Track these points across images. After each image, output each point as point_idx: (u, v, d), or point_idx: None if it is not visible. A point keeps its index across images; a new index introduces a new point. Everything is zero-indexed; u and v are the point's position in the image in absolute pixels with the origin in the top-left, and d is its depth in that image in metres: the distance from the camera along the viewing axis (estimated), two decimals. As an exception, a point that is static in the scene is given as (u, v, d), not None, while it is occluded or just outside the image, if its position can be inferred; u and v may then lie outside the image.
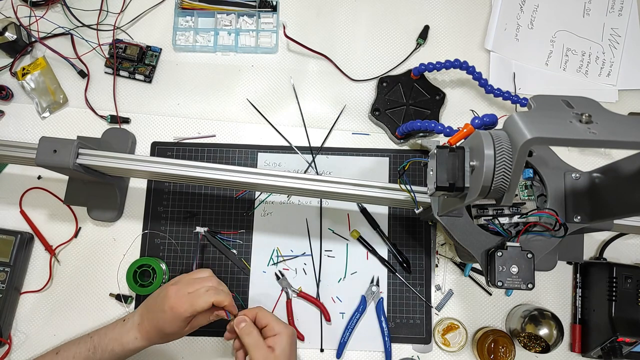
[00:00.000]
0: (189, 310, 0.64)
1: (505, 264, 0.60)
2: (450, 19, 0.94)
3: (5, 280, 0.79)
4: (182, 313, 0.64)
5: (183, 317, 0.65)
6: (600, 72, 0.93)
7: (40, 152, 0.69)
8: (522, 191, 0.66)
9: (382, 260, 0.83)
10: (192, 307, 0.64)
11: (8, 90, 0.87)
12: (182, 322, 0.66)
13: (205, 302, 0.65)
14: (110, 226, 0.85)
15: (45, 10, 0.91)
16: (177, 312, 0.65)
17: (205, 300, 0.65)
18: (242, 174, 0.70)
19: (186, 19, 0.92)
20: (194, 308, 0.64)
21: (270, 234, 0.85)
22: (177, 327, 0.66)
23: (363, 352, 0.81)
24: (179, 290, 0.66)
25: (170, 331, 0.66)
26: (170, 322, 0.66)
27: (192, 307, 0.64)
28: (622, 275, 0.77)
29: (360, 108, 0.90)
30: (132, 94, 0.90)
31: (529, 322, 0.76)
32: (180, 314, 0.64)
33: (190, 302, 0.65)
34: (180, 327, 0.66)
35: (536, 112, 0.49)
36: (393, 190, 0.70)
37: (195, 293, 0.66)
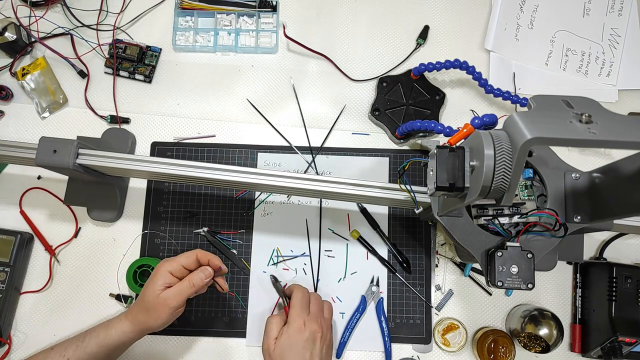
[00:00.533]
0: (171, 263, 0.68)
1: (505, 264, 0.60)
2: (450, 19, 0.94)
3: (5, 280, 0.79)
4: (163, 267, 0.68)
5: (164, 271, 0.68)
6: (600, 72, 0.93)
7: (40, 152, 0.69)
8: (522, 191, 0.66)
9: (382, 260, 0.83)
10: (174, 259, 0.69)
11: (8, 90, 0.87)
12: (160, 280, 0.67)
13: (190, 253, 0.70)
14: (110, 226, 0.85)
15: (45, 10, 0.91)
16: (159, 268, 0.68)
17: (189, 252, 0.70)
18: (242, 174, 0.70)
19: (186, 19, 0.92)
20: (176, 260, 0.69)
21: (270, 234, 0.85)
22: (153, 287, 0.67)
23: (363, 352, 0.81)
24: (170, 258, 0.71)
25: (147, 296, 0.67)
26: (150, 282, 0.68)
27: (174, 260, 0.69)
28: (622, 275, 0.77)
29: (360, 108, 0.90)
30: (132, 94, 0.90)
31: (529, 322, 0.76)
32: (162, 267, 0.68)
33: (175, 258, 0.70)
34: (157, 286, 0.67)
35: (536, 112, 0.49)
36: (393, 190, 0.70)
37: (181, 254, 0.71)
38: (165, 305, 0.67)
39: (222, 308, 0.82)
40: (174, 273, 0.69)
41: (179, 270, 0.69)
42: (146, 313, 0.68)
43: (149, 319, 0.68)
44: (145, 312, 0.68)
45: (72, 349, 0.67)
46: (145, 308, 0.68)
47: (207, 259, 0.70)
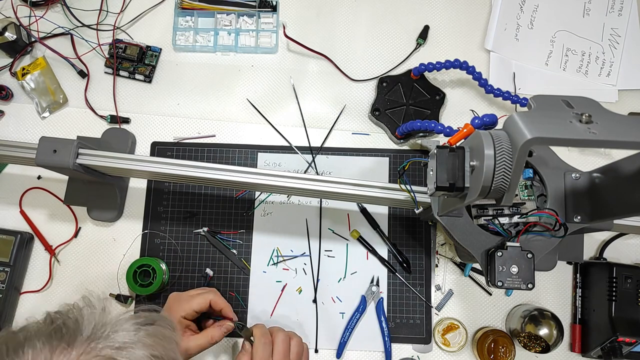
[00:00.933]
0: (184, 307, 0.67)
1: (505, 264, 0.60)
2: (450, 19, 0.94)
3: (5, 280, 0.79)
4: (177, 311, 0.67)
5: (178, 317, 0.66)
6: (600, 72, 0.93)
7: (40, 152, 0.69)
8: (522, 191, 0.66)
9: (382, 260, 0.83)
10: (188, 303, 0.67)
11: (8, 90, 0.87)
12: (178, 326, 0.66)
13: (203, 298, 0.68)
14: (110, 226, 0.85)
15: (45, 10, 0.91)
16: (172, 312, 0.67)
17: (202, 297, 0.68)
18: (242, 174, 0.70)
19: (186, 19, 0.92)
20: (189, 305, 0.67)
21: (270, 234, 0.85)
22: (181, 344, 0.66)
23: (363, 352, 0.81)
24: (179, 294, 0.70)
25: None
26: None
27: (188, 304, 0.67)
28: (622, 275, 0.77)
29: (360, 108, 0.90)
30: (132, 94, 0.90)
31: (529, 322, 0.76)
32: (175, 312, 0.67)
33: (187, 300, 0.68)
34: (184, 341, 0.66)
35: (536, 112, 0.49)
36: (393, 190, 0.70)
37: (193, 295, 0.69)
38: (185, 353, 0.67)
39: (222, 308, 0.82)
40: (188, 317, 0.69)
41: (192, 315, 0.69)
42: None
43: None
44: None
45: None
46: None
47: (219, 308, 0.70)
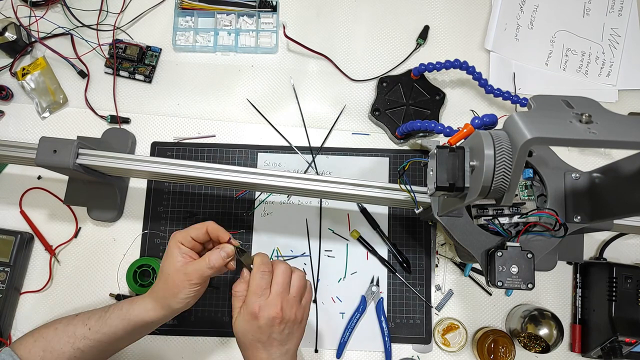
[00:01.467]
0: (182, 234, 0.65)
1: (505, 264, 0.60)
2: (450, 19, 0.94)
3: (5, 280, 0.79)
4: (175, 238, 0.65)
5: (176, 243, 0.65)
6: (600, 72, 0.93)
7: (40, 152, 0.69)
8: (522, 191, 0.66)
9: (382, 260, 0.83)
10: (185, 230, 0.66)
11: (8, 90, 0.87)
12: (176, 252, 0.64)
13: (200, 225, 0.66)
14: (110, 226, 0.85)
15: (45, 10, 0.91)
16: (171, 241, 0.66)
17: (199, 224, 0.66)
18: (242, 174, 0.70)
19: (186, 19, 0.92)
20: (187, 232, 0.66)
21: (270, 234, 0.85)
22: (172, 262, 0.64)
23: (363, 352, 0.81)
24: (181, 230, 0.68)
25: (167, 270, 0.64)
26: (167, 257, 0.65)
27: (185, 231, 0.66)
28: (622, 275, 0.77)
29: (360, 108, 0.90)
30: (132, 94, 0.90)
31: (529, 322, 0.76)
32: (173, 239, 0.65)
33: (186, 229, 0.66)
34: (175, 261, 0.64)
35: (536, 112, 0.49)
36: (393, 190, 0.70)
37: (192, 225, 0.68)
38: (186, 280, 0.63)
39: (222, 308, 0.82)
40: (185, 244, 0.65)
41: (189, 242, 0.66)
42: (165, 287, 0.65)
43: (169, 293, 0.64)
44: (165, 287, 0.65)
45: (95, 318, 0.66)
46: (165, 282, 0.65)
47: (216, 235, 0.66)
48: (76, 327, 0.66)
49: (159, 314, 0.65)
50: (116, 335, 0.65)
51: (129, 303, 0.67)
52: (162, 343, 0.81)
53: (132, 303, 0.67)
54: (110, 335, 0.65)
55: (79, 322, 0.66)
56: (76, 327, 0.66)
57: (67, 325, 0.66)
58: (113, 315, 0.66)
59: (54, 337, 0.65)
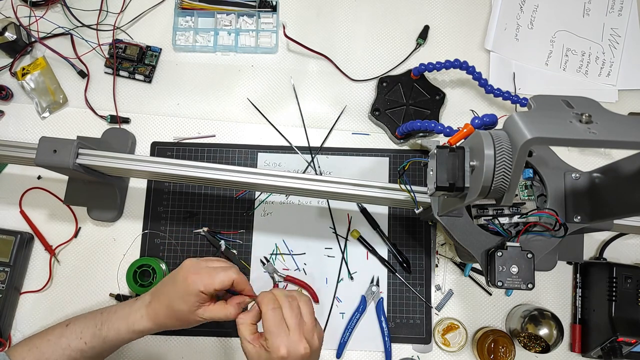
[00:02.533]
0: (205, 282, 0.60)
1: (505, 264, 0.60)
2: (450, 19, 0.94)
3: (5, 280, 0.79)
4: (196, 284, 0.60)
5: (197, 290, 0.60)
6: (600, 72, 0.93)
7: (40, 152, 0.69)
8: (522, 191, 0.66)
9: (382, 260, 0.83)
10: (210, 278, 0.61)
11: (8, 90, 0.87)
12: (194, 298, 0.61)
13: (227, 276, 0.61)
14: (110, 226, 0.85)
15: (45, 10, 0.91)
16: (190, 283, 0.61)
17: (226, 275, 0.61)
18: (242, 174, 0.70)
19: (186, 19, 0.92)
20: (211, 280, 0.61)
21: (270, 233, 0.85)
22: (187, 304, 0.61)
23: (363, 352, 0.81)
24: (198, 262, 0.63)
25: (179, 308, 0.62)
26: (182, 296, 0.61)
27: (209, 279, 0.61)
28: (622, 275, 0.77)
29: (360, 108, 0.90)
30: (132, 94, 0.90)
31: (529, 322, 0.76)
32: (194, 284, 0.60)
33: (209, 273, 0.61)
34: (191, 304, 0.61)
35: (536, 112, 0.49)
36: (393, 190, 0.70)
37: (215, 268, 0.63)
38: (196, 320, 0.63)
39: (222, 308, 0.82)
40: (206, 292, 0.62)
41: (210, 293, 0.62)
42: (173, 321, 0.64)
43: (174, 324, 0.64)
44: (173, 320, 0.64)
45: (90, 334, 0.65)
46: (175, 317, 0.63)
47: (241, 289, 0.64)
48: (70, 339, 0.66)
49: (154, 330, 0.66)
50: (113, 348, 0.67)
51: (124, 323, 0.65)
52: (162, 343, 0.81)
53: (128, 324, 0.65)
54: (107, 348, 0.66)
55: (72, 335, 0.66)
56: (70, 339, 0.66)
57: (60, 338, 0.66)
58: (110, 334, 0.65)
59: (47, 348, 0.65)
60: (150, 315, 0.65)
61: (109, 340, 0.65)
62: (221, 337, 0.81)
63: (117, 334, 0.65)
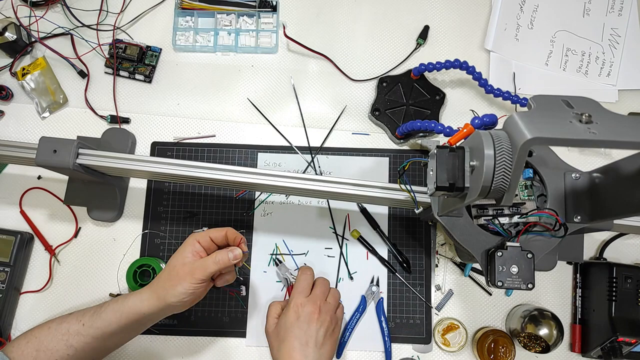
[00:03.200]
0: (199, 235, 0.66)
1: (505, 264, 0.60)
2: (450, 19, 0.94)
3: (5, 280, 0.79)
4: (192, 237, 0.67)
5: (192, 240, 0.66)
6: (600, 72, 0.93)
7: (40, 152, 0.69)
8: (522, 191, 0.66)
9: (382, 260, 0.83)
10: (204, 233, 0.67)
11: (8, 90, 0.87)
12: (190, 247, 0.65)
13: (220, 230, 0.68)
14: (110, 226, 0.85)
15: (45, 10, 0.91)
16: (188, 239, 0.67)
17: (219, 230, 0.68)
18: (242, 174, 0.70)
19: (186, 19, 0.92)
20: (205, 234, 0.67)
21: (270, 234, 0.85)
22: (183, 255, 0.65)
23: (363, 352, 0.81)
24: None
25: (176, 262, 0.65)
26: (180, 251, 0.66)
27: (204, 233, 0.67)
28: (622, 275, 0.77)
29: (360, 108, 0.90)
30: (132, 94, 0.90)
31: (529, 322, 0.76)
32: (190, 237, 0.67)
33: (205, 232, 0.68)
34: (187, 254, 0.65)
35: (536, 112, 0.49)
36: (393, 190, 0.70)
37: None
38: (189, 274, 0.64)
39: (222, 308, 0.82)
40: (202, 243, 0.67)
41: (207, 242, 0.67)
42: (167, 278, 0.65)
43: (168, 285, 0.64)
44: (167, 278, 0.65)
45: (89, 315, 0.66)
46: (168, 275, 0.65)
47: (233, 238, 0.68)
48: (70, 324, 0.66)
49: (153, 305, 0.65)
50: (110, 328, 0.65)
51: (124, 296, 0.67)
52: (162, 343, 0.81)
53: (128, 295, 0.67)
54: (104, 329, 0.65)
55: (72, 319, 0.66)
56: (70, 324, 0.66)
57: (61, 324, 0.66)
58: (107, 309, 0.66)
59: (47, 335, 0.65)
60: (150, 285, 0.67)
61: (105, 316, 0.65)
62: (221, 337, 0.81)
63: (114, 307, 0.66)
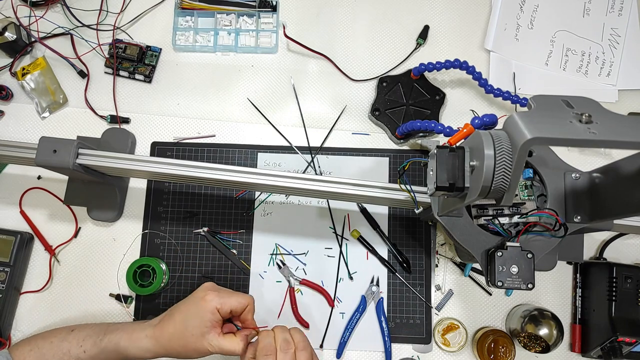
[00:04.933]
0: (223, 299, 0.62)
1: (505, 264, 0.60)
2: (450, 19, 0.94)
3: (5, 280, 0.79)
4: (214, 300, 0.62)
5: (213, 306, 0.61)
6: (600, 72, 0.93)
7: (40, 152, 0.69)
8: (522, 191, 0.66)
9: (382, 260, 0.83)
10: (228, 296, 0.63)
11: (8, 90, 0.87)
12: (209, 315, 0.61)
13: (244, 298, 0.64)
14: (110, 226, 0.85)
15: (45, 10, 0.91)
16: (208, 300, 0.62)
17: (243, 297, 0.64)
18: (242, 174, 0.70)
19: (186, 19, 0.92)
20: (229, 299, 0.62)
21: (270, 233, 0.85)
22: (201, 321, 0.61)
23: (363, 352, 0.81)
24: (216, 285, 0.66)
25: (191, 324, 0.61)
26: (197, 312, 0.61)
27: (228, 297, 0.63)
28: (622, 275, 0.77)
29: (360, 108, 0.90)
30: (132, 94, 0.90)
31: (529, 322, 0.76)
32: (212, 300, 0.62)
33: (228, 292, 0.64)
34: (205, 321, 0.61)
35: (536, 112, 0.49)
36: (393, 190, 0.70)
37: (232, 291, 0.65)
38: (206, 349, 0.62)
39: (222, 308, 0.82)
40: (222, 314, 0.63)
41: (225, 312, 0.63)
42: (180, 345, 0.62)
43: (181, 350, 0.62)
44: (180, 343, 0.62)
45: (90, 343, 0.65)
46: (183, 339, 0.62)
47: (249, 318, 0.66)
48: (71, 345, 0.65)
49: (153, 354, 0.64)
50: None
51: (127, 338, 0.64)
52: (162, 343, 0.81)
53: (131, 340, 0.64)
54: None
55: (73, 341, 0.66)
56: (71, 345, 0.65)
57: (62, 342, 0.66)
58: (110, 346, 0.65)
59: (49, 350, 0.65)
60: (156, 335, 0.64)
61: (107, 352, 0.65)
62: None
63: (115, 348, 0.64)
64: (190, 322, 0.62)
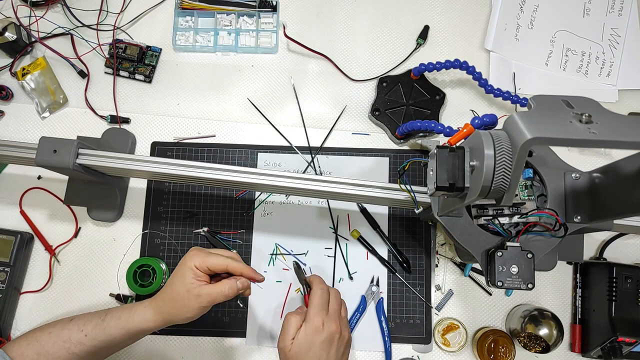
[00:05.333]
0: (199, 259, 0.64)
1: (505, 264, 0.60)
2: (450, 19, 0.94)
3: (5, 280, 0.79)
4: (192, 259, 0.64)
5: (191, 264, 0.64)
6: (600, 72, 0.93)
7: (40, 152, 0.69)
8: (522, 191, 0.66)
9: (382, 260, 0.83)
10: (205, 257, 0.65)
11: (8, 90, 0.87)
12: (189, 273, 0.64)
13: (221, 259, 0.65)
14: (110, 226, 0.85)
15: (45, 10, 0.91)
16: (187, 260, 0.65)
17: (220, 258, 0.65)
18: (242, 174, 0.70)
19: (186, 19, 0.92)
20: (205, 259, 0.64)
21: (270, 233, 0.85)
22: (184, 280, 0.64)
23: (363, 352, 0.81)
24: (201, 248, 0.68)
25: (177, 287, 0.64)
26: (179, 274, 0.65)
27: (204, 257, 0.65)
28: (622, 275, 0.77)
29: (360, 108, 0.90)
30: (132, 94, 0.90)
31: (529, 322, 0.76)
32: (190, 260, 0.64)
33: (205, 253, 0.66)
34: (187, 280, 0.64)
35: (536, 112, 0.49)
36: (393, 190, 0.70)
37: (212, 251, 0.67)
38: (196, 302, 0.64)
39: (222, 308, 0.82)
40: (199, 269, 0.65)
41: (205, 269, 0.66)
42: (173, 305, 0.65)
43: (175, 311, 0.65)
44: (172, 304, 0.65)
45: (92, 325, 0.65)
46: (173, 299, 0.65)
47: (239, 272, 0.67)
48: (71, 331, 0.65)
49: (159, 324, 0.66)
50: (113, 342, 0.66)
51: (127, 312, 0.66)
52: (162, 343, 0.81)
53: (131, 312, 0.66)
54: (107, 342, 0.65)
55: (74, 327, 0.66)
56: (71, 331, 0.65)
57: (62, 330, 0.65)
58: (111, 323, 0.65)
59: (48, 340, 0.65)
60: (153, 305, 0.66)
61: (109, 329, 0.65)
62: (221, 337, 0.81)
63: (117, 323, 0.65)
64: (175, 282, 0.65)
